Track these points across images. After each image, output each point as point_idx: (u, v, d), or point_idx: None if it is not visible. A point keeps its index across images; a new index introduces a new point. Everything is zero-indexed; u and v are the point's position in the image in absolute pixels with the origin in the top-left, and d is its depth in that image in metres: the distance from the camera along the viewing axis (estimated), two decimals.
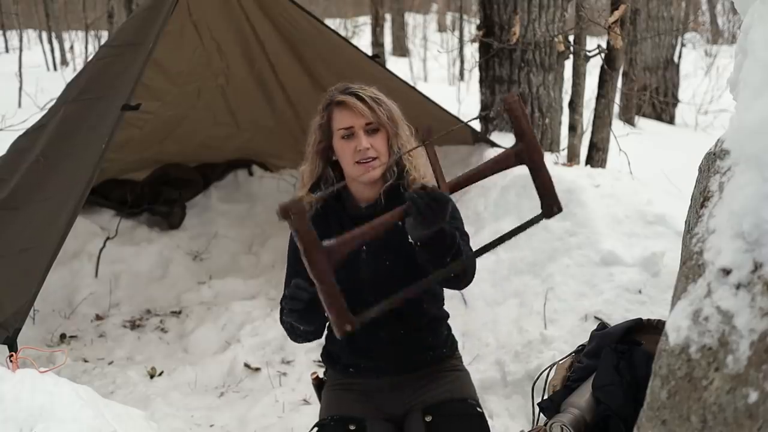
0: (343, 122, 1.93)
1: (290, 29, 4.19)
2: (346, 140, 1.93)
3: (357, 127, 1.91)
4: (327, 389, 2.12)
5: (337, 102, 1.95)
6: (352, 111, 1.92)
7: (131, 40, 3.33)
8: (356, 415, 1.97)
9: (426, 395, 2.01)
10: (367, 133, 1.92)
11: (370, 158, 1.91)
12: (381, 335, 1.98)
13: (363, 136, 1.91)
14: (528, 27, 4.50)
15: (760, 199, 1.06)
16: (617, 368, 1.56)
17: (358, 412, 1.97)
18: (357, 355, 2.03)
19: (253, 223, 5.05)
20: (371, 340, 1.98)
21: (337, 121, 1.94)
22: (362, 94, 1.94)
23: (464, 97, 8.41)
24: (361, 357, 2.03)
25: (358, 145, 1.91)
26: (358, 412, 1.97)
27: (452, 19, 17.49)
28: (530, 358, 3.01)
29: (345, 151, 1.93)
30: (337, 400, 2.02)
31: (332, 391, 2.09)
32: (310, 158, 2.02)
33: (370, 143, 1.91)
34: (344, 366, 2.07)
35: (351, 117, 1.92)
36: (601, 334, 1.86)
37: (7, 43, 13.81)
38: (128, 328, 3.93)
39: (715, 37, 15.82)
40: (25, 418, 1.86)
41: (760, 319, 1.01)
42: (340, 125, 1.93)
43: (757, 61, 1.15)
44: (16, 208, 3.15)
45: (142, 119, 4.35)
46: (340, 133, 1.94)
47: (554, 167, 4.07)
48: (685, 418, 1.07)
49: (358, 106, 1.91)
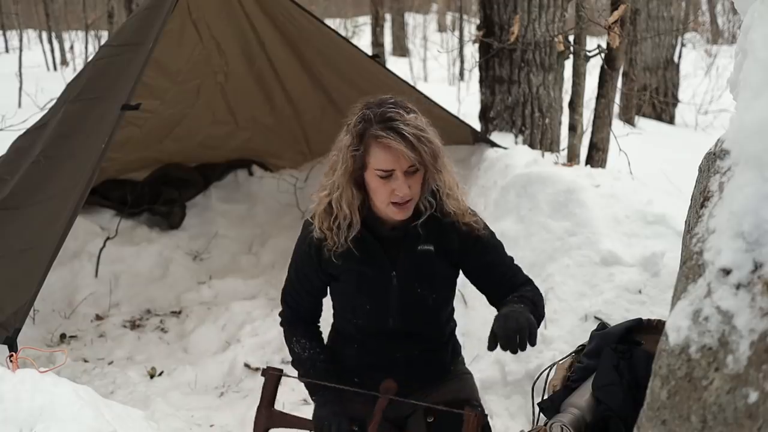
0: (383, 164, 1.75)
1: (290, 28, 4.20)
2: (382, 180, 1.77)
3: (398, 170, 1.75)
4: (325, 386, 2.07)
5: (378, 140, 1.74)
6: (394, 154, 1.73)
7: (131, 40, 3.33)
8: (357, 415, 1.96)
9: (429, 397, 2.01)
10: (406, 174, 1.76)
11: (406, 200, 1.79)
12: (397, 355, 1.96)
13: (402, 179, 1.76)
14: (528, 27, 4.50)
15: (760, 199, 1.06)
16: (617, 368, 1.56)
17: (359, 412, 1.96)
18: (365, 367, 2.00)
19: (253, 223, 5.05)
20: (384, 357, 1.97)
21: (375, 160, 1.76)
22: (406, 131, 1.72)
23: (464, 97, 8.40)
24: (369, 370, 1.99)
25: (396, 189, 1.76)
26: (359, 412, 1.96)
27: (452, 19, 17.50)
28: (530, 358, 3.01)
29: (379, 190, 1.79)
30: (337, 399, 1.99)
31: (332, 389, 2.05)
32: (342, 186, 1.82)
33: (409, 185, 1.77)
34: (349, 373, 2.02)
35: (393, 161, 1.74)
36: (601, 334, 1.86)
37: (7, 43, 13.81)
38: (128, 328, 3.93)
39: (715, 37, 15.82)
40: (25, 418, 1.86)
41: (760, 319, 1.01)
42: (379, 166, 1.76)
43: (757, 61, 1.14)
44: (16, 208, 3.15)
45: (142, 118, 4.35)
46: (377, 173, 1.77)
47: (554, 167, 4.07)
48: (685, 418, 1.07)
49: (401, 149, 1.72)
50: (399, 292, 1.90)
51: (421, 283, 1.91)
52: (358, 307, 1.94)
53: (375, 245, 1.88)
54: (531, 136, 4.66)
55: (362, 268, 1.88)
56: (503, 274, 1.95)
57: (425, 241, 1.89)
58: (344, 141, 1.82)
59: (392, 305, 1.90)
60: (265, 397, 1.91)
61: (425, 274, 1.90)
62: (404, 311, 1.91)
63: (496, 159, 4.23)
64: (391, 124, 1.73)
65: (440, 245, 1.90)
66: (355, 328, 1.97)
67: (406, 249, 1.89)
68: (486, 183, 4.07)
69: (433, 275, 1.90)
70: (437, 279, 1.91)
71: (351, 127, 1.81)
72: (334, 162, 1.85)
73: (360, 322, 1.95)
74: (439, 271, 1.92)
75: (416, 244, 1.89)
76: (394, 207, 1.80)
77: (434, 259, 1.90)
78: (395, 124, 1.73)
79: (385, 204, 1.80)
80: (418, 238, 1.89)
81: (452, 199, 1.88)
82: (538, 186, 3.76)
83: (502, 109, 4.70)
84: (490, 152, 4.33)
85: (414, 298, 1.91)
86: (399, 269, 1.89)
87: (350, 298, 1.94)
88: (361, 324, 1.95)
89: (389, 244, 1.89)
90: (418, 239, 1.89)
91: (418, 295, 1.92)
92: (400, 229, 1.88)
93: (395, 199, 1.78)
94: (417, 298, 1.92)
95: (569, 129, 4.54)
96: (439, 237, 1.90)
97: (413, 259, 1.89)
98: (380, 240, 1.89)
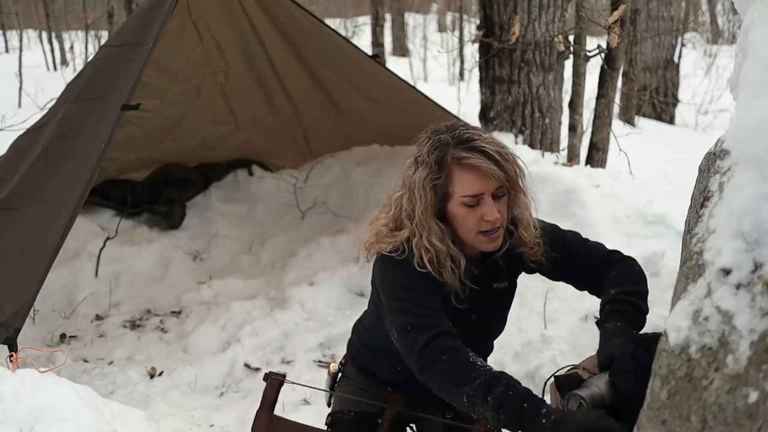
0: (471, 188, 1.62)
1: (290, 28, 4.20)
2: (469, 207, 1.64)
3: (487, 193, 1.62)
4: (345, 386, 2.02)
5: (460, 160, 1.62)
6: (482, 175, 1.61)
7: (131, 40, 3.33)
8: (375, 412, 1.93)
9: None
10: (494, 198, 1.64)
11: (497, 228, 1.66)
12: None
13: (491, 203, 1.63)
14: (528, 27, 4.50)
15: (760, 199, 1.06)
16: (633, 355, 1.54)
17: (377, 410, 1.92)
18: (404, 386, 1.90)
19: (253, 223, 5.05)
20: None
21: (461, 185, 1.62)
22: (489, 149, 1.61)
23: (464, 96, 8.41)
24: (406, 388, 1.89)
25: (486, 215, 1.63)
26: (377, 410, 1.92)
27: (452, 19, 17.50)
28: (530, 358, 3.01)
29: (467, 219, 1.65)
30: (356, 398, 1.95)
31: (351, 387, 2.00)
32: (427, 224, 1.66)
33: (498, 210, 1.63)
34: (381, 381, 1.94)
35: (481, 183, 1.61)
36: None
37: (7, 43, 13.82)
38: (128, 328, 3.93)
39: (715, 37, 15.82)
40: (25, 418, 1.86)
41: (760, 319, 1.01)
42: (467, 192, 1.62)
43: (757, 61, 1.14)
44: (16, 208, 3.15)
45: (142, 117, 4.35)
46: (464, 201, 1.63)
47: (554, 167, 4.07)
48: (685, 418, 1.07)
49: (490, 169, 1.60)
50: (474, 329, 1.83)
51: (496, 320, 1.90)
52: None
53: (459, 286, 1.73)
54: (531, 136, 4.66)
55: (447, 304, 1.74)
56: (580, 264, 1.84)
57: (500, 278, 1.82)
58: (417, 174, 1.66)
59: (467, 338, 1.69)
60: (265, 402, 1.90)
61: (500, 310, 1.87)
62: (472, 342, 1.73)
63: None
64: (472, 144, 1.62)
65: (512, 280, 1.86)
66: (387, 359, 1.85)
67: (486, 287, 1.80)
68: None
69: (506, 311, 1.88)
70: (508, 312, 1.90)
71: (424, 155, 1.66)
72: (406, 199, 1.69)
73: None
74: (509, 306, 1.91)
75: (492, 282, 1.81)
76: (484, 236, 1.66)
77: (508, 296, 1.88)
78: (476, 143, 1.62)
79: (473, 234, 1.66)
80: (494, 275, 1.81)
81: (529, 231, 1.77)
82: (538, 186, 3.76)
83: (502, 109, 4.70)
84: None
85: (487, 333, 1.91)
86: (478, 309, 1.82)
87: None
88: None
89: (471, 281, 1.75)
90: (494, 276, 1.81)
91: (490, 331, 1.91)
92: (479, 266, 1.76)
93: (485, 227, 1.64)
94: (489, 332, 1.91)
95: (569, 129, 4.55)
96: (511, 272, 1.84)
97: (491, 298, 1.84)
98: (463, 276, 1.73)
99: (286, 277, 4.27)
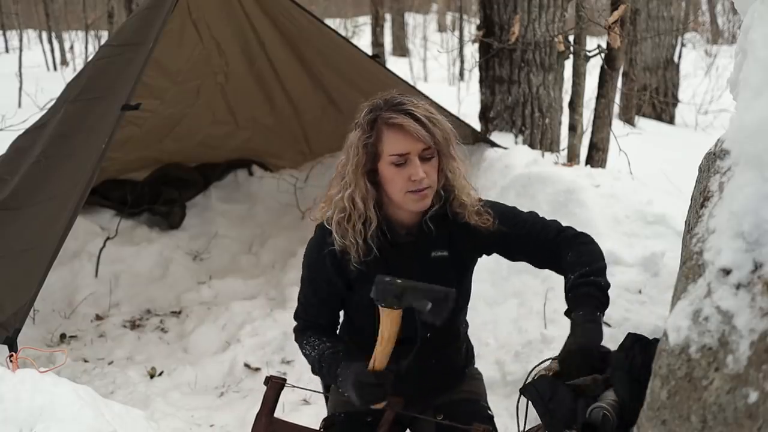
0: (397, 147, 1.71)
1: (290, 28, 4.20)
2: (397, 167, 1.72)
3: (413, 153, 1.71)
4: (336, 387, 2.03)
5: (390, 123, 1.72)
6: (409, 135, 1.70)
7: (131, 40, 3.33)
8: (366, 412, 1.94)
9: (439, 397, 2.00)
10: (422, 159, 1.72)
11: (424, 188, 1.73)
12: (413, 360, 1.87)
13: (419, 164, 1.71)
14: (528, 27, 4.50)
15: (760, 199, 1.06)
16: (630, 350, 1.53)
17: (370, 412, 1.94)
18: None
19: (253, 223, 5.05)
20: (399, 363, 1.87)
21: (388, 144, 1.72)
22: (418, 113, 1.71)
23: (464, 97, 8.41)
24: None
25: (413, 175, 1.71)
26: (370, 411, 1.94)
27: (452, 19, 17.50)
28: (530, 358, 3.01)
29: (395, 178, 1.73)
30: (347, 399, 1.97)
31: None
32: (354, 181, 1.76)
33: (425, 171, 1.72)
34: None
35: (407, 142, 1.70)
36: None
37: (7, 43, 13.82)
38: (128, 328, 3.93)
39: (715, 37, 15.82)
40: (25, 418, 1.86)
41: (760, 319, 1.01)
42: (394, 151, 1.71)
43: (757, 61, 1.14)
44: (17, 208, 3.15)
45: (142, 117, 4.35)
46: (392, 159, 1.72)
47: (554, 167, 4.07)
48: (685, 418, 1.07)
49: (416, 129, 1.69)
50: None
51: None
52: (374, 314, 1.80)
53: (389, 252, 1.82)
54: (531, 136, 4.66)
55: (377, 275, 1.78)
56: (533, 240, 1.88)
57: (439, 245, 1.85)
58: (353, 136, 1.77)
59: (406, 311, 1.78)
60: (265, 405, 1.90)
61: (443, 281, 1.82)
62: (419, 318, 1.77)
63: (496, 159, 4.23)
64: (402, 107, 1.72)
65: (454, 250, 1.86)
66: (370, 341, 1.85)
67: (420, 256, 1.84)
68: (486, 183, 4.07)
69: (447, 282, 1.80)
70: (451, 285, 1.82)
71: (360, 119, 1.77)
72: (343, 162, 1.80)
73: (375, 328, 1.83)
74: (454, 276, 1.88)
75: (430, 251, 1.85)
76: (413, 195, 1.73)
77: (448, 265, 1.86)
78: (406, 107, 1.72)
79: (402, 194, 1.74)
80: (432, 243, 1.84)
81: (464, 194, 1.83)
82: (538, 186, 3.77)
83: (502, 109, 4.70)
84: (490, 152, 4.34)
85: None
86: (415, 278, 1.79)
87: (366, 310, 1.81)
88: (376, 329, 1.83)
89: (404, 251, 1.83)
90: (431, 244, 1.84)
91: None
92: (413, 234, 1.83)
93: (412, 186, 1.72)
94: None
95: (569, 129, 4.55)
96: (452, 242, 1.86)
97: (427, 267, 1.84)
98: (395, 247, 1.83)
99: (286, 277, 4.27)
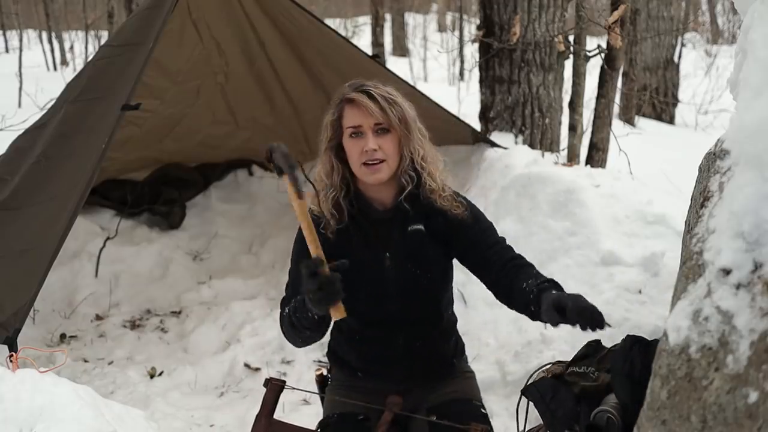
0: (352, 120, 1.86)
1: (290, 28, 4.20)
2: (353, 139, 1.86)
3: (365, 126, 1.85)
4: (331, 388, 2.10)
5: (348, 99, 1.88)
6: (362, 110, 1.84)
7: (131, 40, 3.33)
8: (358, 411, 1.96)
9: (432, 396, 2.01)
10: (376, 133, 1.85)
11: (377, 160, 1.84)
12: (398, 342, 1.97)
13: (371, 136, 1.84)
14: (528, 27, 4.50)
15: (760, 199, 1.06)
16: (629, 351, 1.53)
17: (363, 411, 1.96)
18: (368, 361, 2.01)
19: (253, 223, 5.05)
20: (386, 347, 1.97)
21: (346, 118, 1.87)
22: (375, 92, 1.86)
23: (464, 97, 8.41)
24: (373, 363, 2.00)
25: (365, 146, 1.84)
26: (363, 411, 1.96)
27: (452, 19, 17.50)
28: (530, 358, 3.01)
29: (352, 150, 1.87)
30: (341, 399, 2.01)
31: (337, 390, 2.07)
32: (324, 157, 1.93)
33: (379, 144, 1.84)
34: (353, 369, 2.04)
35: (360, 116, 1.85)
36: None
37: (7, 43, 13.82)
38: (128, 328, 3.93)
39: (715, 37, 15.82)
40: (25, 418, 1.86)
41: (760, 319, 1.01)
42: (349, 123, 1.87)
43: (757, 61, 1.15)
44: (17, 208, 3.15)
45: (142, 117, 4.35)
46: (349, 132, 1.87)
47: (554, 167, 4.07)
48: (685, 418, 1.07)
49: (368, 105, 1.83)
50: (393, 273, 1.92)
51: (414, 262, 1.93)
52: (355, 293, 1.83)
53: (367, 228, 1.92)
54: (531, 136, 4.66)
55: (357, 252, 1.89)
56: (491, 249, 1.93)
57: (415, 221, 1.93)
58: (325, 118, 1.92)
59: (388, 288, 1.92)
60: (265, 407, 1.91)
61: (418, 253, 1.92)
62: (401, 294, 1.92)
63: (496, 159, 4.23)
64: (362, 87, 1.88)
65: (429, 225, 1.94)
66: (354, 319, 1.91)
67: (398, 229, 1.93)
68: (486, 183, 4.07)
69: (425, 255, 1.92)
70: (430, 258, 1.93)
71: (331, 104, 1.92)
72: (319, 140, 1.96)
73: (358, 310, 1.89)
74: (431, 251, 1.94)
75: (407, 225, 1.93)
76: (366, 168, 1.85)
77: (425, 239, 1.93)
78: (366, 87, 1.88)
79: (358, 165, 1.86)
80: (408, 219, 1.93)
81: (431, 177, 1.91)
82: (538, 186, 3.77)
83: (502, 109, 4.70)
84: (490, 152, 4.33)
85: (409, 279, 1.93)
86: (391, 250, 1.92)
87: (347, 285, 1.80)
88: (360, 311, 1.91)
89: (381, 226, 1.93)
90: (408, 219, 1.93)
91: (412, 275, 1.93)
92: (389, 210, 1.93)
93: (365, 158, 1.84)
94: (411, 278, 1.93)
95: (569, 129, 4.55)
96: (427, 218, 1.94)
97: (405, 239, 1.92)
98: (372, 222, 1.93)
99: (286, 277, 4.24)
